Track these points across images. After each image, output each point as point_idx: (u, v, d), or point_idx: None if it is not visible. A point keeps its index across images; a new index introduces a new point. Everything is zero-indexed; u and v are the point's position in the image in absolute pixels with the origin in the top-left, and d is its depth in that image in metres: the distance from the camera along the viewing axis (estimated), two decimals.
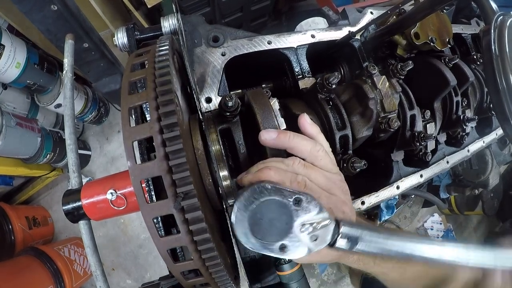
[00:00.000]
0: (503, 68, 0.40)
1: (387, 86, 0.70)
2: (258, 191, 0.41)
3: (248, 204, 0.41)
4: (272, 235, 0.41)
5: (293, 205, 0.41)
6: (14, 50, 1.75)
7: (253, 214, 0.41)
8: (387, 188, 0.83)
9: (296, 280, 0.63)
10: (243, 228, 0.41)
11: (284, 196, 0.41)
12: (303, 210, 0.41)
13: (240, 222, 0.41)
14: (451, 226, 2.74)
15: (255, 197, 0.41)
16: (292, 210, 0.41)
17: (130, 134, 0.40)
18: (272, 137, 0.51)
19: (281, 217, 0.41)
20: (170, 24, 0.72)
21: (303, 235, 0.41)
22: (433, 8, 0.70)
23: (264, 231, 0.41)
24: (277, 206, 0.41)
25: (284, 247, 0.42)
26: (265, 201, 0.41)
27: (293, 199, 0.41)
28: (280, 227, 0.41)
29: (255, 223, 0.41)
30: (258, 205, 0.41)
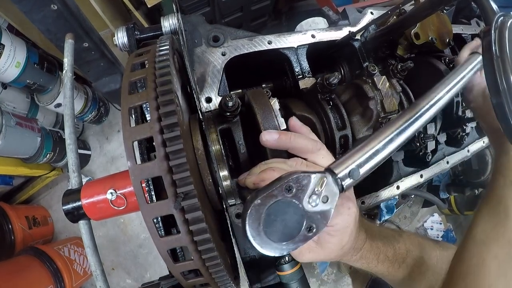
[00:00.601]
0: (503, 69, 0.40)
1: (388, 86, 0.70)
2: (257, 207, 0.40)
3: (256, 225, 0.41)
4: (292, 229, 0.41)
5: (287, 194, 0.41)
6: (14, 49, 1.75)
7: (265, 226, 0.41)
8: (387, 188, 0.83)
9: (296, 280, 0.63)
10: (269, 244, 0.41)
11: (276, 196, 0.41)
12: (298, 191, 0.42)
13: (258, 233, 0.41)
14: (451, 226, 2.74)
15: (258, 213, 0.41)
16: (292, 201, 0.41)
17: (130, 134, 0.40)
18: (274, 138, 0.51)
19: (288, 210, 0.41)
20: (170, 24, 0.72)
21: (317, 206, 0.42)
22: (433, 8, 0.70)
23: (283, 231, 0.41)
24: (280, 207, 0.41)
25: (311, 228, 0.42)
26: (267, 210, 0.41)
27: (284, 190, 0.41)
28: (295, 216, 0.41)
29: (271, 229, 0.41)
30: (264, 218, 0.41)
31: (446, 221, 2.75)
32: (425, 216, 2.72)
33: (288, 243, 0.42)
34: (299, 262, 0.65)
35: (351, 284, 2.46)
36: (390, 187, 0.84)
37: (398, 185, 0.85)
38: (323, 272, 2.50)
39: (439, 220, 2.69)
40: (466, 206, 2.45)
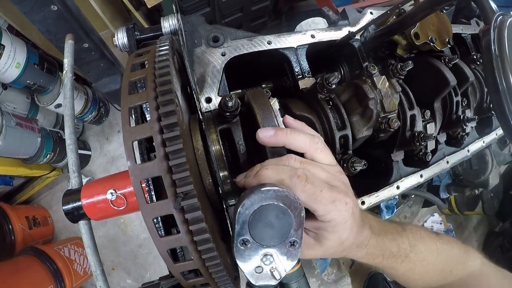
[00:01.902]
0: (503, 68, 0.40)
1: (387, 86, 0.70)
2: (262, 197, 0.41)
3: (253, 203, 0.41)
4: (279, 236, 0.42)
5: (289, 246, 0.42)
6: (14, 50, 1.76)
7: (252, 222, 0.41)
8: (387, 188, 0.83)
9: (296, 280, 0.63)
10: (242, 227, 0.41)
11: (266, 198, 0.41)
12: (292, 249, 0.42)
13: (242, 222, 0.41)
14: (451, 226, 2.74)
15: (258, 202, 0.41)
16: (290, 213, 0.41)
17: (130, 134, 0.40)
18: (270, 134, 0.51)
19: (279, 217, 0.41)
20: (170, 24, 0.72)
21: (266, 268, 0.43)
22: (432, 8, 0.70)
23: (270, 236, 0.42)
24: (279, 212, 0.41)
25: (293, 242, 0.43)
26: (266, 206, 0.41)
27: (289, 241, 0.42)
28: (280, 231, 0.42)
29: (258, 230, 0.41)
30: (258, 208, 0.41)
31: (446, 221, 2.75)
32: (425, 216, 2.72)
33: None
34: (299, 262, 0.65)
35: (351, 284, 2.46)
36: (390, 187, 0.84)
37: (398, 185, 0.85)
38: (323, 272, 2.50)
39: (439, 220, 2.69)
40: (466, 206, 2.45)
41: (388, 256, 0.59)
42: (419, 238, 0.65)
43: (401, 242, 0.61)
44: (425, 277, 0.67)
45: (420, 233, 0.67)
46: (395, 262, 0.60)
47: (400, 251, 0.60)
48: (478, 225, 2.96)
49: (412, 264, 0.62)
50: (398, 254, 0.60)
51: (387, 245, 0.58)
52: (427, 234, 0.68)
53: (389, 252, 0.59)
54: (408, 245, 0.62)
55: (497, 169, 2.02)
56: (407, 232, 0.64)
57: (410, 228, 0.66)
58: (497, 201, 2.40)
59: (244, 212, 0.40)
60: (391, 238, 0.60)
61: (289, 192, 0.41)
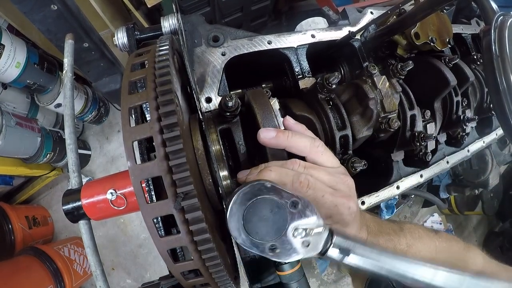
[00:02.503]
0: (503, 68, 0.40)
1: (387, 86, 0.70)
2: (257, 188, 0.41)
3: (245, 200, 0.41)
4: (264, 234, 0.41)
5: (290, 207, 0.41)
6: (14, 50, 1.75)
7: (248, 210, 0.41)
8: (387, 188, 0.83)
9: (296, 280, 0.63)
10: (236, 223, 0.41)
11: (281, 197, 0.41)
12: (298, 214, 0.41)
13: (234, 216, 0.41)
14: (451, 226, 2.75)
15: (253, 194, 0.41)
16: (287, 212, 0.41)
17: (130, 134, 0.40)
18: (271, 136, 0.51)
19: (276, 218, 0.41)
20: (170, 24, 0.72)
21: (295, 240, 0.41)
22: (433, 8, 0.70)
23: (257, 229, 0.41)
24: (274, 206, 0.41)
25: (274, 248, 0.41)
26: (262, 199, 0.41)
27: (290, 201, 0.41)
28: (274, 227, 0.41)
29: (250, 220, 0.41)
30: (254, 202, 0.41)
31: (446, 221, 2.75)
32: (425, 216, 2.72)
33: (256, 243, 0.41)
34: (299, 262, 0.65)
35: (351, 284, 2.46)
36: (390, 187, 0.84)
37: (398, 185, 0.85)
38: (323, 272, 2.50)
39: (439, 220, 2.69)
40: (466, 206, 2.45)
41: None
42: (417, 237, 0.65)
43: (398, 242, 0.61)
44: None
45: (419, 232, 0.67)
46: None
47: (397, 251, 0.60)
48: (478, 225, 2.97)
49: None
50: None
51: (382, 246, 0.58)
52: (426, 233, 0.68)
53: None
54: (405, 244, 0.62)
55: (497, 169, 2.02)
56: (405, 231, 0.64)
57: (408, 227, 0.66)
58: (497, 201, 2.40)
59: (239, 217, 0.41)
60: (388, 239, 0.60)
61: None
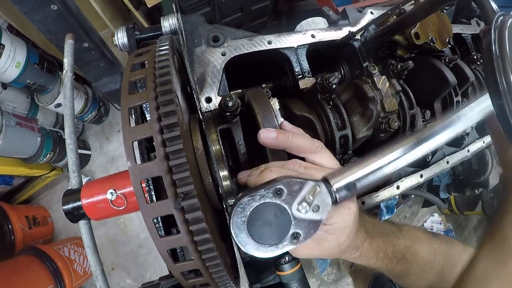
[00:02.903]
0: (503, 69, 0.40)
1: (387, 86, 0.70)
2: (243, 205, 0.41)
3: (240, 223, 0.41)
4: (277, 234, 0.41)
5: (276, 197, 0.41)
6: (14, 49, 1.75)
7: (249, 226, 0.41)
8: (387, 188, 0.83)
9: (296, 280, 0.63)
10: (247, 238, 0.41)
11: (263, 197, 0.41)
12: (289, 196, 0.41)
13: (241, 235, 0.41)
14: (451, 226, 2.74)
15: (244, 211, 0.41)
16: (280, 204, 0.41)
17: (130, 134, 0.40)
18: (272, 136, 0.51)
19: (276, 213, 0.41)
20: (170, 24, 0.72)
21: (306, 214, 0.41)
22: (433, 8, 0.70)
23: (270, 233, 0.41)
24: (267, 209, 0.41)
25: (296, 235, 0.42)
26: (253, 209, 0.41)
27: (272, 193, 0.41)
28: (281, 220, 0.41)
29: (256, 230, 0.41)
30: (249, 216, 0.41)
31: (446, 221, 2.75)
32: (425, 216, 2.72)
33: (271, 246, 0.42)
34: (299, 262, 0.65)
35: (351, 284, 2.46)
36: (390, 187, 0.84)
37: (398, 185, 0.85)
38: (323, 272, 2.50)
39: (439, 220, 2.69)
40: (466, 206, 2.45)
41: (382, 257, 0.59)
42: (415, 239, 0.65)
43: (397, 244, 0.61)
44: (422, 277, 0.66)
45: (417, 234, 0.67)
46: (390, 263, 0.60)
47: (395, 253, 0.60)
48: (478, 225, 2.96)
49: (408, 265, 0.62)
50: (393, 255, 0.60)
51: (381, 247, 0.59)
52: (424, 235, 0.68)
53: (383, 253, 0.59)
54: (403, 246, 0.62)
55: (497, 169, 2.02)
56: (403, 233, 0.64)
57: (407, 229, 0.66)
58: (497, 201, 2.40)
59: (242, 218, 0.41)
60: (386, 240, 0.60)
61: (281, 182, 0.41)
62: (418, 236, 0.66)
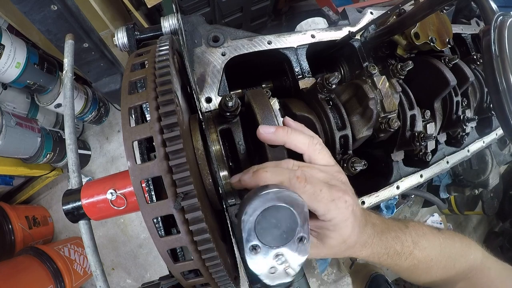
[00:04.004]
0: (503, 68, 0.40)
1: (387, 86, 0.70)
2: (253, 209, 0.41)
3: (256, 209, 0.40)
4: (284, 237, 0.41)
5: (297, 241, 0.42)
6: (14, 50, 1.76)
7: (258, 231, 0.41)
8: (387, 188, 0.83)
9: (296, 280, 0.63)
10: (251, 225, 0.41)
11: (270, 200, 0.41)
12: (298, 248, 0.42)
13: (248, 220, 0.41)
14: (451, 226, 2.75)
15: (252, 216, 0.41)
16: (289, 208, 0.41)
17: (130, 134, 0.40)
18: (271, 131, 0.51)
19: (283, 217, 0.41)
20: (170, 24, 0.72)
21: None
22: (433, 8, 0.70)
23: (277, 236, 0.41)
24: (275, 212, 0.41)
25: (301, 238, 0.42)
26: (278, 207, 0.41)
27: (298, 236, 0.41)
28: (287, 225, 0.41)
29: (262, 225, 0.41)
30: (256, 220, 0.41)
31: (446, 221, 2.75)
32: (425, 216, 2.72)
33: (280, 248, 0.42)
34: None
35: (351, 284, 2.46)
36: (390, 187, 0.84)
37: (398, 185, 0.85)
38: (323, 272, 2.50)
39: (439, 220, 2.69)
40: (466, 206, 2.45)
41: (392, 254, 0.59)
42: (422, 234, 0.65)
43: (405, 240, 0.61)
44: (428, 272, 0.67)
45: (423, 229, 0.67)
46: (399, 260, 0.61)
47: (404, 249, 0.61)
48: (478, 225, 2.96)
49: (416, 261, 0.63)
50: (402, 251, 0.60)
51: (391, 243, 0.59)
52: (430, 230, 0.69)
53: (393, 250, 0.59)
54: (411, 242, 0.62)
55: (497, 169, 2.02)
56: (410, 229, 0.64)
57: (413, 225, 0.66)
58: (497, 201, 2.40)
59: (248, 219, 0.40)
60: (395, 236, 0.60)
61: (288, 190, 0.41)
62: (424, 231, 0.67)
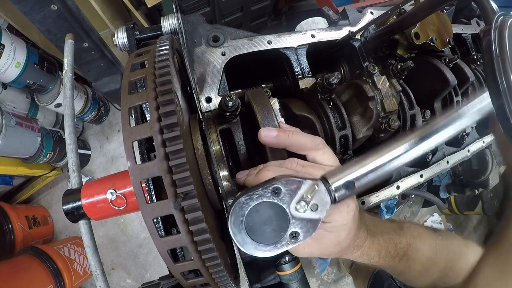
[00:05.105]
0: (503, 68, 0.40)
1: (387, 86, 0.70)
2: (241, 204, 0.41)
3: (239, 215, 0.41)
4: (276, 233, 0.41)
5: (274, 196, 0.41)
6: (14, 49, 1.75)
7: (247, 225, 0.41)
8: (387, 188, 0.83)
9: (296, 280, 0.63)
10: (247, 239, 0.41)
11: (261, 196, 0.41)
12: (287, 195, 0.41)
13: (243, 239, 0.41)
14: (451, 226, 2.75)
15: (242, 211, 0.41)
16: (277, 203, 0.41)
17: (130, 134, 0.40)
18: (272, 135, 0.51)
19: (274, 213, 0.41)
20: (170, 24, 0.72)
21: (304, 213, 0.41)
22: (433, 8, 0.70)
23: (268, 233, 0.41)
24: (266, 208, 0.41)
25: (295, 234, 0.42)
26: (251, 208, 0.41)
27: (270, 192, 0.41)
28: (279, 219, 0.41)
29: (254, 229, 0.41)
30: (247, 215, 0.41)
31: (446, 221, 2.75)
32: (425, 216, 2.72)
33: (269, 246, 0.42)
34: (299, 262, 0.65)
35: (351, 284, 2.46)
36: (390, 187, 0.84)
37: (398, 185, 0.85)
38: (323, 272, 2.50)
39: (439, 220, 2.69)
40: (466, 206, 2.45)
41: (384, 255, 0.59)
42: (417, 236, 0.65)
43: (398, 242, 0.61)
44: (425, 274, 0.66)
45: (418, 230, 0.66)
46: (392, 261, 0.60)
47: (397, 250, 0.60)
48: (478, 225, 2.96)
49: (411, 262, 0.62)
50: (395, 253, 0.60)
51: (383, 245, 0.58)
52: (425, 232, 0.68)
53: (385, 252, 0.59)
54: (405, 244, 0.62)
55: (497, 169, 2.03)
56: (405, 230, 0.64)
57: (408, 226, 0.66)
58: (497, 201, 2.40)
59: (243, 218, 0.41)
60: (388, 238, 0.60)
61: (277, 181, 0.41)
62: (419, 232, 0.66)
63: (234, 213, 0.41)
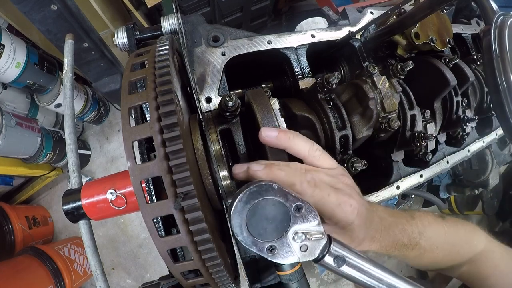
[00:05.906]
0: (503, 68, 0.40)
1: (387, 86, 0.70)
2: (265, 188, 0.41)
3: (251, 198, 0.41)
4: (266, 234, 0.41)
5: (294, 211, 0.41)
6: (14, 50, 1.76)
7: (253, 209, 0.41)
8: (387, 188, 0.83)
9: (296, 280, 0.63)
10: (240, 220, 0.41)
11: (287, 200, 0.41)
12: (301, 218, 0.42)
13: (238, 213, 0.41)
14: None
15: (260, 193, 0.41)
16: (291, 215, 0.41)
17: (130, 134, 0.40)
18: (273, 135, 0.51)
19: (279, 219, 0.41)
20: (170, 24, 0.72)
21: (295, 243, 0.42)
22: (433, 8, 0.70)
23: (259, 228, 0.41)
24: (278, 208, 0.41)
25: (273, 249, 0.42)
26: (268, 199, 0.41)
27: (295, 205, 0.41)
28: (276, 228, 0.41)
29: (253, 219, 0.41)
30: (260, 202, 0.41)
31: None
32: None
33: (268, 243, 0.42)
34: (299, 262, 0.65)
35: (351, 284, 2.46)
36: (390, 187, 0.84)
37: (398, 185, 0.85)
38: (323, 272, 2.50)
39: None
40: (466, 206, 2.45)
41: (400, 246, 0.61)
42: (427, 224, 0.67)
43: (411, 232, 0.63)
44: (434, 260, 0.70)
45: (428, 219, 0.68)
46: (406, 251, 0.62)
47: (411, 240, 0.62)
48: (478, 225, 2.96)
49: (422, 250, 0.64)
50: (409, 243, 0.62)
51: (398, 237, 0.60)
52: (434, 219, 0.70)
53: (401, 243, 0.61)
54: (417, 233, 0.64)
55: (497, 169, 2.02)
56: (416, 220, 0.66)
57: (419, 215, 0.68)
58: (497, 201, 2.40)
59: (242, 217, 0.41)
60: (401, 229, 0.61)
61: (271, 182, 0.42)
62: (429, 221, 0.68)
63: (246, 195, 0.41)
